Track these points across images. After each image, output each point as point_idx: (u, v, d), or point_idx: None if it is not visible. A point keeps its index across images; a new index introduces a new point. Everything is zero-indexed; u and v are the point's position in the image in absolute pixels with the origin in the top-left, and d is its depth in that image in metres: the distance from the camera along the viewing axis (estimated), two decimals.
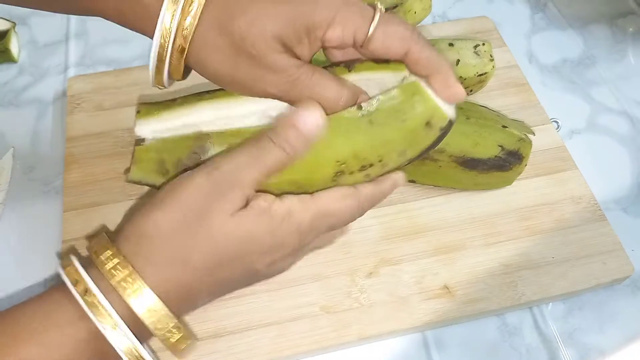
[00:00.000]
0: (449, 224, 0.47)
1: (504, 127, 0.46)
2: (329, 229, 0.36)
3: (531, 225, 0.48)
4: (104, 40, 0.61)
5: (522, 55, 0.61)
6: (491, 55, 0.50)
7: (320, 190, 0.35)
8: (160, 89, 0.37)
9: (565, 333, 0.45)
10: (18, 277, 0.44)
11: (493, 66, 0.51)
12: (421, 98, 0.34)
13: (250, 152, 0.33)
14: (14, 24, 0.59)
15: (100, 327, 0.29)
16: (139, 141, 0.37)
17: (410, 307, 0.43)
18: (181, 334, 0.31)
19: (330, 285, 0.44)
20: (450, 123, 0.35)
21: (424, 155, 0.37)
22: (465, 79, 0.50)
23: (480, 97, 0.54)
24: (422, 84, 0.35)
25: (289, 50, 0.34)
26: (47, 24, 0.62)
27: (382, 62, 0.36)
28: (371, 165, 0.36)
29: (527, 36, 0.63)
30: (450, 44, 0.50)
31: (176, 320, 0.31)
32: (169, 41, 0.33)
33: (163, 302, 0.31)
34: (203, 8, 0.33)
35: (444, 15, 0.64)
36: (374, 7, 0.34)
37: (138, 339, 0.30)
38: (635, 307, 0.46)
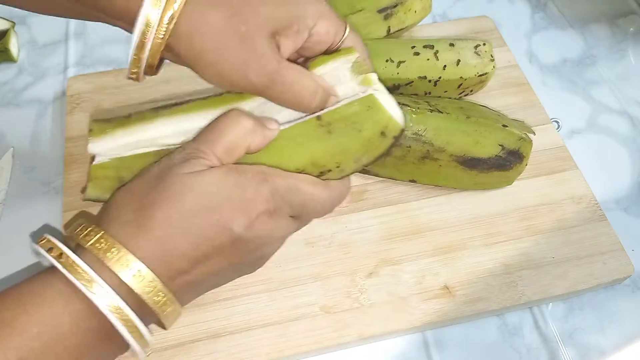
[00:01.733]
0: (449, 224, 0.47)
1: (504, 126, 0.46)
2: (300, 208, 0.35)
3: (531, 225, 0.47)
4: (103, 40, 0.61)
5: (522, 55, 0.61)
6: (492, 56, 0.50)
7: None
8: (133, 79, 0.37)
9: (566, 333, 0.45)
10: (18, 277, 0.44)
11: (494, 66, 0.51)
12: (377, 110, 0.36)
13: (212, 128, 0.35)
14: (14, 23, 0.59)
15: (76, 283, 0.29)
16: (94, 159, 0.37)
17: (411, 307, 0.43)
18: (165, 295, 0.31)
19: (330, 285, 0.44)
20: (402, 131, 0.37)
21: (377, 161, 0.39)
22: (465, 79, 0.50)
23: (480, 97, 0.54)
24: (378, 96, 0.36)
25: (276, 37, 0.35)
26: (46, 24, 0.61)
27: (331, 52, 0.38)
28: (329, 170, 0.37)
29: (528, 36, 0.63)
30: (451, 44, 0.50)
31: (155, 277, 0.31)
32: (159, 9, 0.32)
33: (138, 259, 0.31)
34: None
35: (444, 14, 0.64)
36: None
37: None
38: (635, 307, 0.46)
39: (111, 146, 0.37)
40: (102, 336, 0.31)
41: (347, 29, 0.38)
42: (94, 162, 0.37)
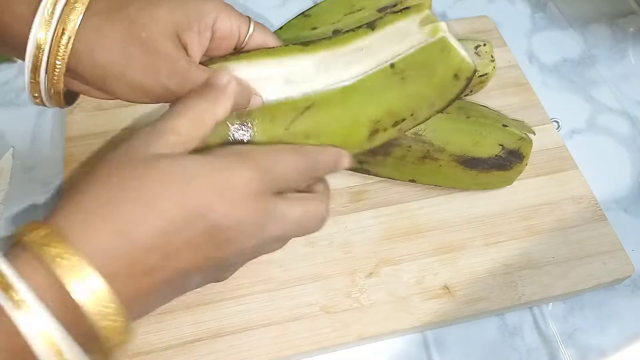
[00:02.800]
0: (449, 224, 0.47)
1: (504, 126, 0.46)
2: (282, 177, 0.32)
3: (531, 225, 0.47)
4: None
5: (522, 55, 0.61)
6: (492, 56, 0.50)
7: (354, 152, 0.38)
8: (38, 104, 0.36)
9: (566, 333, 0.45)
10: None
11: (494, 67, 0.50)
12: (449, 52, 0.38)
13: (176, 102, 0.33)
14: None
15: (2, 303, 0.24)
16: None
17: (411, 307, 0.43)
18: (120, 318, 0.26)
19: (330, 285, 0.44)
20: (474, 72, 0.39)
21: (450, 105, 0.40)
22: None
23: (480, 97, 0.54)
24: (450, 38, 0.38)
25: (179, 38, 0.34)
26: None
27: (402, 10, 0.39)
28: (403, 119, 0.39)
29: (528, 36, 0.63)
30: None
31: (112, 294, 0.26)
32: (49, 31, 0.32)
33: (92, 264, 0.25)
34: (89, 2, 0.33)
35: (444, 14, 0.64)
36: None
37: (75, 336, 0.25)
38: (635, 307, 0.46)
39: None
40: None
41: (252, 23, 0.37)
42: None
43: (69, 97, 0.38)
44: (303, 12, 0.52)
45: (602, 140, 0.55)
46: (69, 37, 0.33)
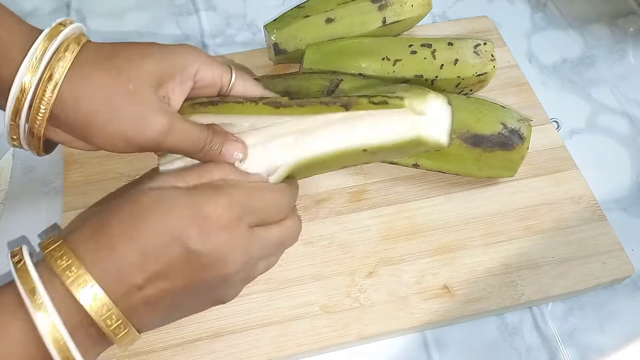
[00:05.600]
0: (449, 224, 0.47)
1: (503, 107, 0.46)
2: (259, 212, 0.35)
3: (531, 225, 0.48)
4: (104, 40, 0.60)
5: (522, 55, 0.61)
6: (492, 55, 0.50)
7: None
8: (16, 146, 0.37)
9: (565, 333, 0.45)
10: None
11: (494, 66, 0.50)
12: (424, 144, 0.38)
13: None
14: None
15: (25, 300, 0.29)
16: None
17: (410, 307, 0.43)
18: (120, 321, 0.31)
19: (330, 285, 0.44)
20: (443, 147, 0.39)
21: None
22: (463, 79, 0.50)
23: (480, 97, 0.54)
24: (427, 132, 0.38)
25: (162, 89, 0.36)
26: (46, 23, 0.61)
27: (379, 103, 0.38)
28: (366, 163, 0.44)
29: (527, 36, 0.63)
30: (450, 43, 0.50)
31: (115, 307, 0.30)
32: (36, 75, 0.33)
33: (94, 277, 0.30)
34: (78, 52, 0.35)
35: (444, 15, 0.64)
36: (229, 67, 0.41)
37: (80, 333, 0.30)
38: (635, 307, 0.46)
39: None
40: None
41: (233, 72, 0.40)
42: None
43: (48, 146, 0.39)
44: (298, 5, 0.53)
45: (602, 140, 0.55)
46: (56, 83, 0.34)
